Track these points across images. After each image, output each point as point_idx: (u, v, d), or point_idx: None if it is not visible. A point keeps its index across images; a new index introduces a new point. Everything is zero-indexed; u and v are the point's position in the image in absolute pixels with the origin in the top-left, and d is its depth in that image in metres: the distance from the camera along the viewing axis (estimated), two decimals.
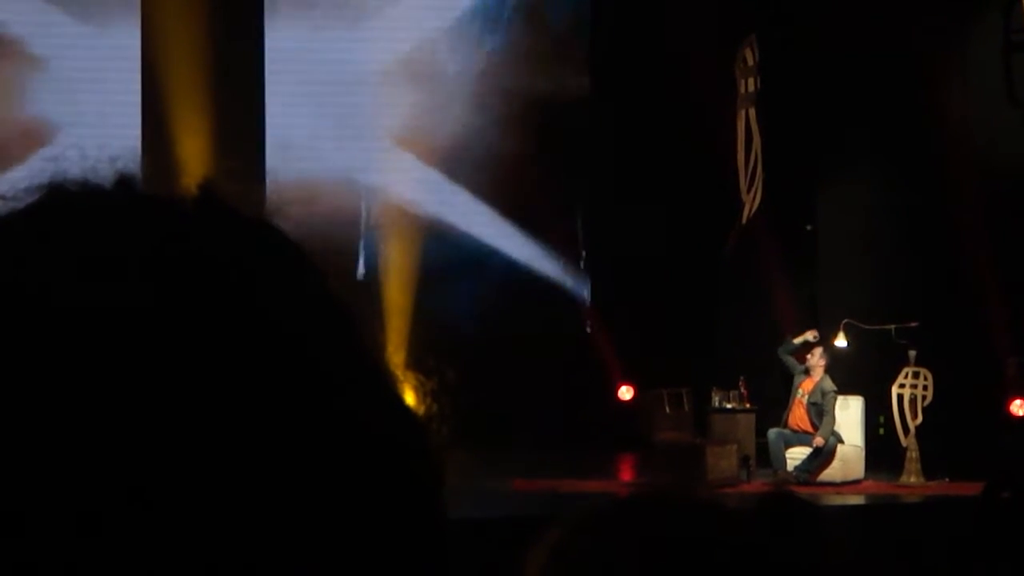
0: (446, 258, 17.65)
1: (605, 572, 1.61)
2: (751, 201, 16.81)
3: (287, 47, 17.90)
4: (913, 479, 15.38)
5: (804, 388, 15.74)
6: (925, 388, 15.77)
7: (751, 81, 16.89)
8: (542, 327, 17.54)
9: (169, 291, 0.81)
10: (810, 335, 15.86)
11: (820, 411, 15.58)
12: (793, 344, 15.84)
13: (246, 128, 16.66)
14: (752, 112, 16.82)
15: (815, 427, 15.52)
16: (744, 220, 16.77)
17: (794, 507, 1.67)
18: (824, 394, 15.60)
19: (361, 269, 17.67)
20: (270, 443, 0.80)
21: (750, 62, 16.87)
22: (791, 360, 15.85)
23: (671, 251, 17.17)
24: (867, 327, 16.34)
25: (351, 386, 0.85)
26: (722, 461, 15.32)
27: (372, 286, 17.08)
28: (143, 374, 0.79)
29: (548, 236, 18.19)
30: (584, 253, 18.38)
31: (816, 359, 15.68)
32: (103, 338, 0.79)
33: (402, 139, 18.40)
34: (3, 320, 0.79)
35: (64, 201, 0.85)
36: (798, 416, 15.72)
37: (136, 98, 16.41)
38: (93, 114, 17.45)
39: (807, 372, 15.73)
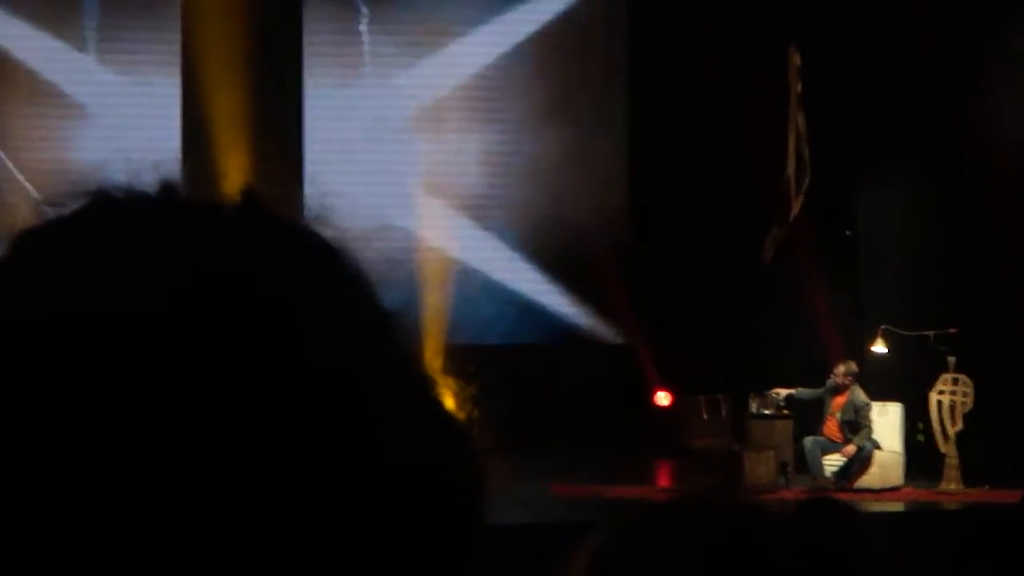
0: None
1: None
2: (797, 205, 16.73)
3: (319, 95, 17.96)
4: (953, 486, 15.30)
5: (835, 405, 15.68)
6: (965, 395, 15.67)
7: (799, 83, 16.80)
8: (580, 332, 17.55)
9: (211, 298, 0.81)
10: (775, 394, 15.91)
11: (853, 427, 15.52)
12: (796, 395, 15.85)
13: (287, 141, 16.71)
14: (801, 116, 16.74)
15: (849, 441, 15.49)
16: (788, 224, 16.69)
17: (836, 512, 1.66)
18: (857, 410, 15.54)
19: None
20: (310, 448, 0.80)
21: (798, 63, 16.77)
22: (809, 393, 15.81)
23: (709, 256, 17.12)
24: (906, 333, 16.27)
25: (393, 392, 0.85)
26: (760, 467, 15.28)
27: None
28: (183, 382, 0.79)
29: (591, 246, 18.18)
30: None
31: (841, 377, 15.62)
32: (142, 347, 0.79)
33: (431, 185, 18.41)
34: (45, 326, 0.80)
35: (107, 207, 0.86)
36: (832, 431, 15.67)
37: (176, 143, 16.49)
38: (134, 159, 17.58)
39: (835, 390, 15.67)
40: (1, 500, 0.77)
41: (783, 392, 15.90)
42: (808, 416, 15.85)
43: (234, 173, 15.19)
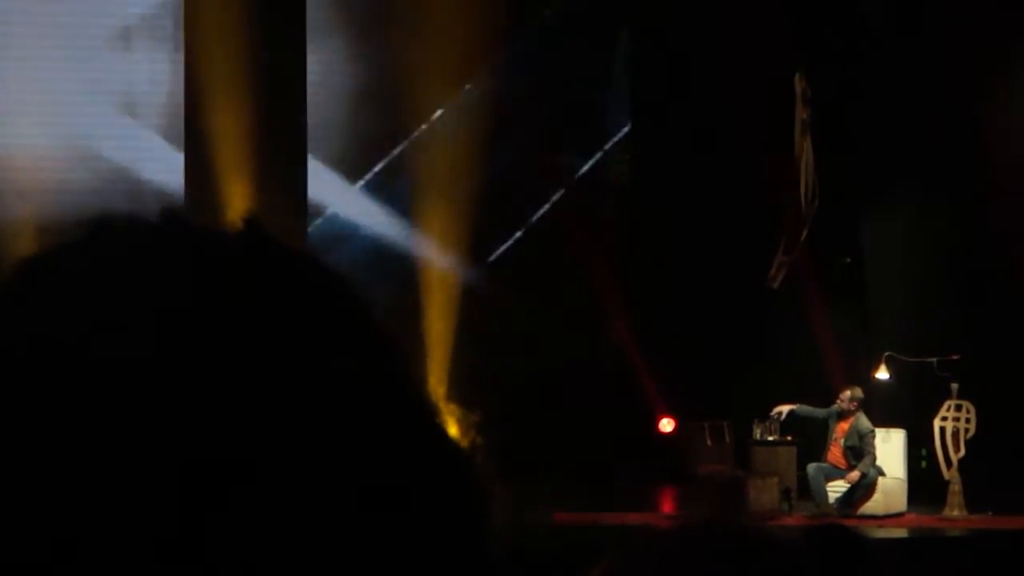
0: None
1: None
2: (804, 232, 16.71)
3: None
4: (956, 512, 15.27)
5: (839, 431, 15.67)
6: (968, 421, 15.67)
7: (805, 111, 16.80)
8: (584, 360, 17.54)
9: (212, 327, 0.81)
10: (777, 412, 15.90)
11: (857, 453, 15.51)
12: (797, 411, 15.86)
13: (288, 161, 16.73)
14: (808, 143, 16.75)
15: (852, 468, 15.49)
16: (796, 250, 16.68)
17: (845, 538, 1.65)
18: (861, 436, 15.52)
19: None
20: (308, 475, 0.79)
21: (805, 90, 16.77)
22: (809, 410, 15.82)
23: (714, 282, 17.11)
24: (909, 360, 16.26)
25: (395, 420, 0.84)
26: (764, 494, 15.27)
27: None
28: (185, 406, 0.79)
29: (592, 274, 18.16)
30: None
31: (847, 402, 15.62)
32: (147, 373, 0.79)
33: None
34: (49, 354, 0.80)
35: (110, 235, 0.86)
36: (836, 457, 15.66)
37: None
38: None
39: (840, 415, 15.67)
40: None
41: (785, 408, 15.88)
42: (812, 442, 15.84)
43: (238, 201, 15.21)
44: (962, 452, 15.56)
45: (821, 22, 17.08)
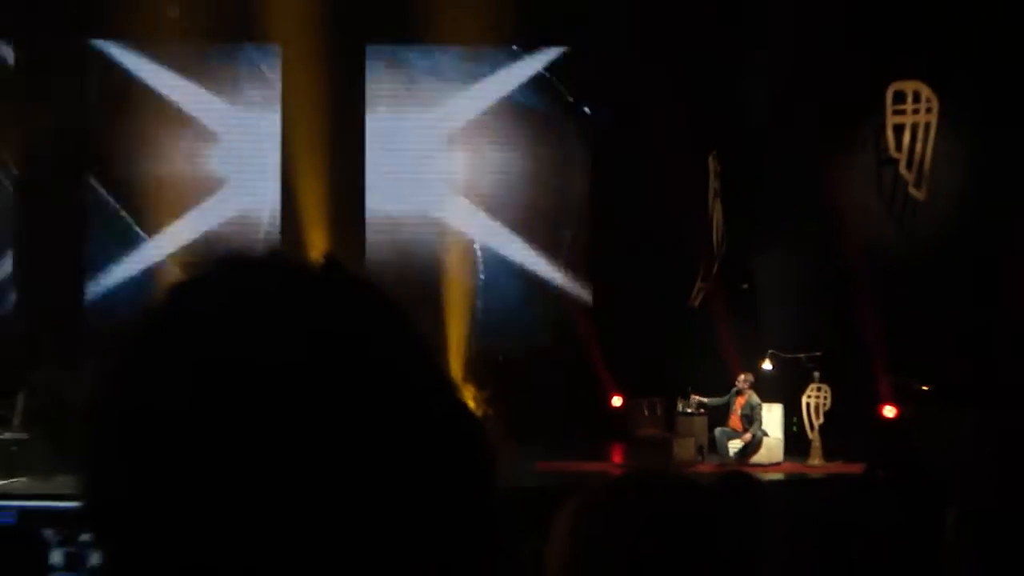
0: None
1: (613, 530, 1.58)
2: (715, 267, 16.88)
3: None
4: (817, 461, 15.29)
5: (737, 404, 15.69)
6: (825, 398, 15.71)
7: (716, 182, 16.93)
8: (558, 354, 17.52)
9: (313, 339, 0.80)
10: (694, 399, 15.88)
11: (750, 420, 15.54)
12: (707, 403, 15.83)
13: (351, 210, 16.63)
14: (719, 205, 16.88)
15: (747, 431, 15.50)
16: (710, 280, 16.79)
17: (746, 480, 1.64)
18: (752, 408, 15.56)
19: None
20: (384, 439, 0.79)
21: (716, 168, 16.89)
22: (717, 400, 15.82)
23: (652, 303, 17.11)
24: (785, 355, 16.27)
25: (434, 396, 0.84)
26: (684, 450, 15.29)
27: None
28: (300, 405, 0.77)
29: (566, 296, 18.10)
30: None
31: (742, 383, 15.64)
32: (282, 395, 0.77)
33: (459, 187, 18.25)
34: (187, 368, 0.78)
35: (235, 269, 0.85)
36: (735, 423, 15.67)
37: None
38: (245, 175, 16.86)
39: (739, 392, 15.68)
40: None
41: (703, 399, 15.88)
42: (717, 415, 15.84)
43: (318, 241, 15.11)
44: (821, 420, 15.59)
45: (729, 118, 17.14)
